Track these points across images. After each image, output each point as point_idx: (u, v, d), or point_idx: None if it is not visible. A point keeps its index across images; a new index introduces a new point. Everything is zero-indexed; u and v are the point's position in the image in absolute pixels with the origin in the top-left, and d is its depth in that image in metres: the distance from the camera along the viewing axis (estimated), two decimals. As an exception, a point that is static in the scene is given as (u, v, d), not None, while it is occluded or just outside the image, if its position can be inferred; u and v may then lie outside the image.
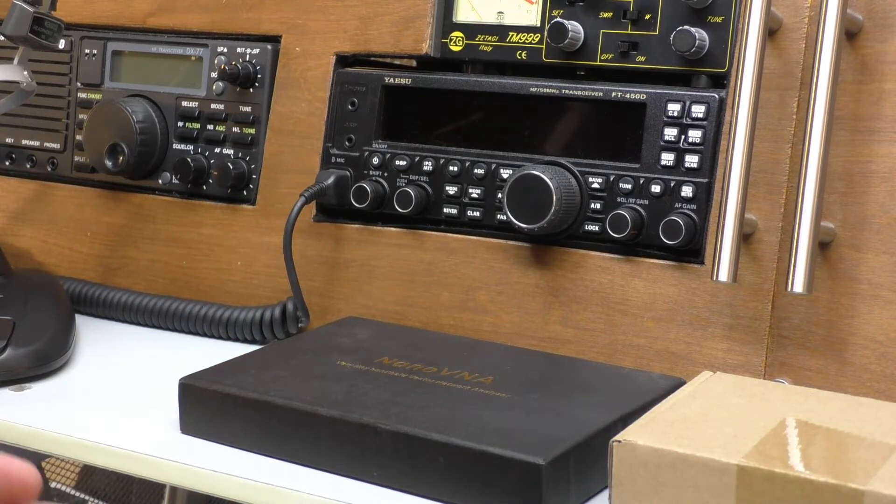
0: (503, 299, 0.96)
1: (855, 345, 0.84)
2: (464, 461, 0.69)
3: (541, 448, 0.68)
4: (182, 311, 1.05)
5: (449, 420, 0.73)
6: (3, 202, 1.21)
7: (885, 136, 0.84)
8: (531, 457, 0.68)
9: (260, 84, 1.08)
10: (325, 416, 0.74)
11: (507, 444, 0.69)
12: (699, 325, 0.88)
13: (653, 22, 0.93)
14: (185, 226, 1.11)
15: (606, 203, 0.92)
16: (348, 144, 1.03)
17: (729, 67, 0.89)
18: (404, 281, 1.00)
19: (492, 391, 0.79)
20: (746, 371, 0.86)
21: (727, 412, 0.71)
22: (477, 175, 0.97)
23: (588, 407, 0.77)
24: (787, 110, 0.86)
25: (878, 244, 0.83)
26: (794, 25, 0.87)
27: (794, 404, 0.72)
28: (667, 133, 0.90)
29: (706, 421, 0.69)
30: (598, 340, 0.92)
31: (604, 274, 0.92)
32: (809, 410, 0.71)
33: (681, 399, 0.73)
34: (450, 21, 1.01)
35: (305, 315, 1.01)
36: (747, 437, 0.65)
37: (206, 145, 1.10)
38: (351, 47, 1.04)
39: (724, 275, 0.83)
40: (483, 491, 0.69)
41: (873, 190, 0.84)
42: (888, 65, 0.84)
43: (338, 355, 0.86)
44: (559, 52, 0.96)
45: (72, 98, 1.17)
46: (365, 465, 0.73)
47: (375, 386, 0.79)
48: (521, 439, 0.70)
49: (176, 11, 1.13)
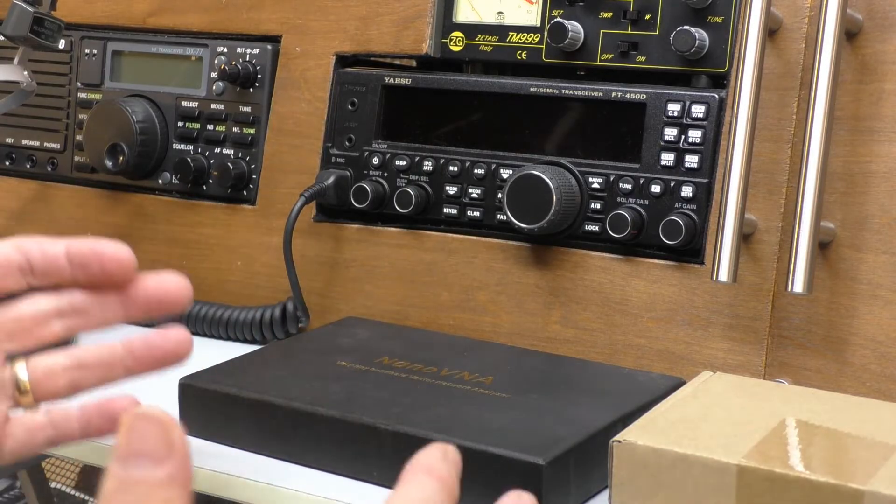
0: (503, 299, 0.96)
1: (855, 345, 0.84)
2: (464, 461, 0.69)
3: (541, 448, 0.68)
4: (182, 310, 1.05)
5: (449, 420, 0.73)
6: (3, 202, 1.21)
7: (885, 136, 0.84)
8: (531, 457, 0.68)
9: (260, 84, 1.08)
10: (326, 416, 0.74)
11: (508, 444, 0.69)
12: (699, 325, 0.88)
13: (653, 22, 0.93)
14: (185, 226, 1.11)
15: (606, 203, 0.92)
16: (348, 144, 1.03)
17: (729, 67, 0.89)
18: (404, 281, 1.00)
19: (492, 391, 0.79)
20: (746, 371, 0.86)
21: (727, 412, 0.71)
22: (477, 175, 0.97)
23: (588, 407, 0.77)
24: (787, 110, 0.86)
25: (878, 244, 0.83)
26: (794, 25, 0.87)
27: (794, 404, 0.72)
28: (667, 133, 0.90)
29: (706, 421, 0.69)
30: (598, 340, 0.92)
31: (604, 274, 0.92)
32: (809, 410, 0.71)
33: (681, 399, 0.73)
34: (450, 21, 1.01)
35: (305, 315, 1.01)
36: (747, 437, 0.65)
37: (206, 145, 1.10)
38: (351, 47, 1.04)
39: (724, 275, 0.83)
40: (483, 491, 0.69)
41: (873, 190, 0.84)
42: (888, 65, 0.84)
43: (338, 355, 0.86)
44: (559, 52, 0.96)
45: (72, 98, 1.17)
46: (365, 465, 0.73)
47: (375, 386, 0.79)
48: (522, 439, 0.70)
49: (176, 11, 1.13)
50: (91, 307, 0.55)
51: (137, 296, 0.55)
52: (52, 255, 0.54)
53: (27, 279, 0.54)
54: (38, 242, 0.54)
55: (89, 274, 0.54)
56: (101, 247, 0.54)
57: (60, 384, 0.56)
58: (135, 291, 0.55)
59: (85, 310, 0.55)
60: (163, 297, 0.56)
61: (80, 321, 0.56)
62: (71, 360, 0.56)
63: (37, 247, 0.54)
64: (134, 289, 0.55)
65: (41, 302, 0.55)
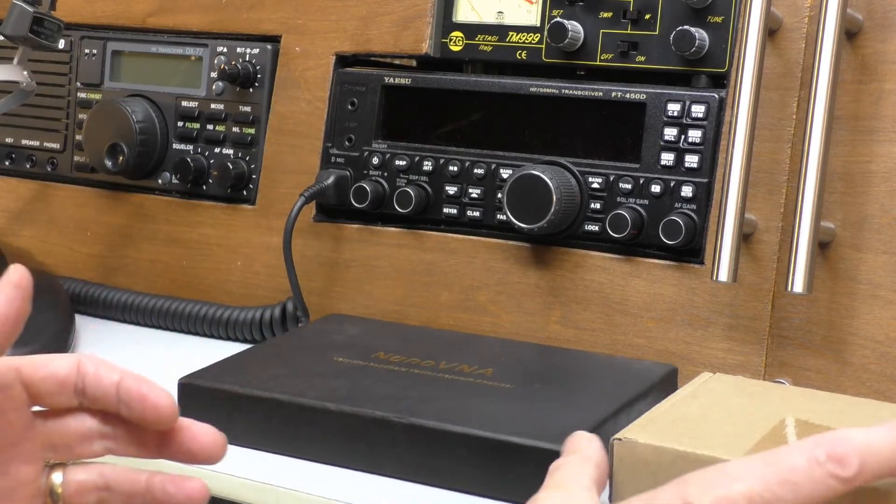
0: (503, 299, 0.96)
1: (855, 345, 0.84)
2: (480, 450, 0.70)
3: (556, 435, 0.69)
4: (182, 311, 1.05)
5: (460, 411, 0.74)
6: (3, 202, 1.21)
7: (885, 136, 0.84)
8: (548, 444, 0.69)
9: (260, 84, 1.08)
10: (335, 411, 0.74)
11: (524, 432, 0.70)
12: (699, 325, 0.88)
13: (653, 22, 0.93)
14: (185, 226, 1.11)
15: (606, 203, 0.92)
16: (348, 144, 1.03)
17: (729, 67, 0.89)
18: (404, 281, 1.00)
19: (495, 382, 0.80)
20: (746, 371, 0.86)
21: (727, 412, 0.71)
22: (477, 175, 0.97)
23: (591, 395, 0.79)
24: (787, 110, 0.86)
25: (878, 244, 0.83)
26: (794, 25, 0.87)
27: (793, 404, 0.72)
28: (667, 133, 0.90)
29: (706, 420, 0.69)
30: (598, 340, 0.92)
31: (604, 274, 0.92)
32: (809, 410, 0.71)
33: (681, 399, 0.73)
34: (450, 21, 1.01)
35: (305, 315, 1.01)
36: (747, 436, 0.65)
37: (206, 145, 1.10)
38: (351, 47, 1.04)
39: (724, 275, 0.83)
40: (500, 479, 0.70)
41: (873, 190, 0.84)
42: (888, 65, 0.84)
43: (333, 352, 0.86)
44: (559, 52, 0.96)
45: (72, 98, 1.17)
46: (376, 458, 0.73)
47: (378, 381, 0.80)
48: (537, 427, 0.71)
49: (176, 11, 1.13)
50: (130, 438, 0.58)
51: (173, 441, 0.58)
52: (105, 384, 0.56)
53: (79, 398, 0.57)
54: (97, 367, 0.57)
55: (133, 411, 0.57)
56: (147, 390, 0.57)
57: (88, 501, 0.59)
58: (171, 437, 0.58)
59: (124, 438, 0.58)
60: (197, 451, 0.59)
61: (119, 447, 0.59)
62: (102, 481, 0.59)
63: (94, 371, 0.57)
64: (171, 435, 0.58)
65: (88, 422, 0.58)
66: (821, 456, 0.46)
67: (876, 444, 0.47)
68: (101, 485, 0.59)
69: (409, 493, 0.72)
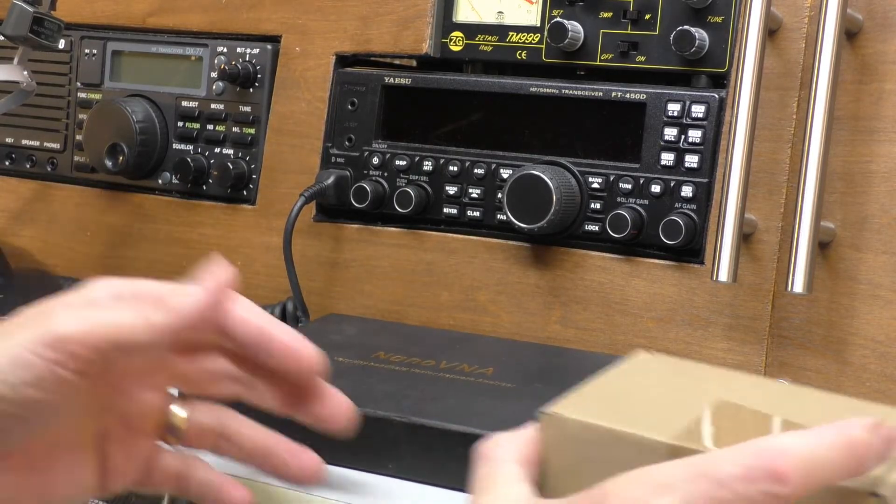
0: (503, 299, 0.96)
1: (855, 345, 0.84)
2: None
3: None
4: (182, 311, 1.05)
5: (464, 410, 0.74)
6: (3, 202, 1.21)
7: (885, 136, 0.84)
8: None
9: (260, 84, 1.08)
10: None
11: None
12: (699, 325, 0.88)
13: (653, 22, 0.93)
14: (185, 226, 1.11)
15: (606, 203, 0.92)
16: (348, 144, 1.03)
17: (729, 67, 0.89)
18: (404, 281, 1.00)
19: (496, 381, 0.80)
20: (746, 371, 0.86)
21: (662, 391, 0.69)
22: (477, 175, 0.97)
23: None
24: (787, 110, 0.86)
25: (878, 244, 0.83)
26: (794, 25, 0.87)
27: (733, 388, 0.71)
28: (667, 133, 0.90)
29: (639, 398, 0.67)
30: (598, 340, 0.92)
31: (604, 274, 0.92)
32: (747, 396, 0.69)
33: (614, 375, 0.71)
34: (450, 21, 1.01)
35: (305, 315, 1.01)
36: (680, 416, 0.64)
37: (206, 145, 1.10)
38: (351, 47, 1.04)
39: (724, 275, 0.83)
40: None
41: (873, 190, 0.84)
42: (888, 65, 0.84)
43: (333, 352, 0.86)
44: (559, 52, 0.96)
45: (72, 98, 1.17)
46: (379, 457, 0.74)
47: (379, 380, 0.80)
48: None
49: (176, 11, 1.13)
50: (264, 387, 0.57)
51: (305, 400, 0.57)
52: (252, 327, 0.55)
53: (221, 340, 0.56)
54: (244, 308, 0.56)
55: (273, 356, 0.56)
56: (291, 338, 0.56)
57: (206, 443, 0.59)
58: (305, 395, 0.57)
59: (255, 386, 0.58)
60: (327, 417, 0.57)
61: (247, 393, 0.58)
62: (221, 429, 0.58)
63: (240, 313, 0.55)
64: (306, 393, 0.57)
65: (223, 363, 0.57)
66: (758, 472, 0.43)
67: (819, 453, 0.43)
68: (221, 433, 0.58)
69: (409, 493, 0.72)
